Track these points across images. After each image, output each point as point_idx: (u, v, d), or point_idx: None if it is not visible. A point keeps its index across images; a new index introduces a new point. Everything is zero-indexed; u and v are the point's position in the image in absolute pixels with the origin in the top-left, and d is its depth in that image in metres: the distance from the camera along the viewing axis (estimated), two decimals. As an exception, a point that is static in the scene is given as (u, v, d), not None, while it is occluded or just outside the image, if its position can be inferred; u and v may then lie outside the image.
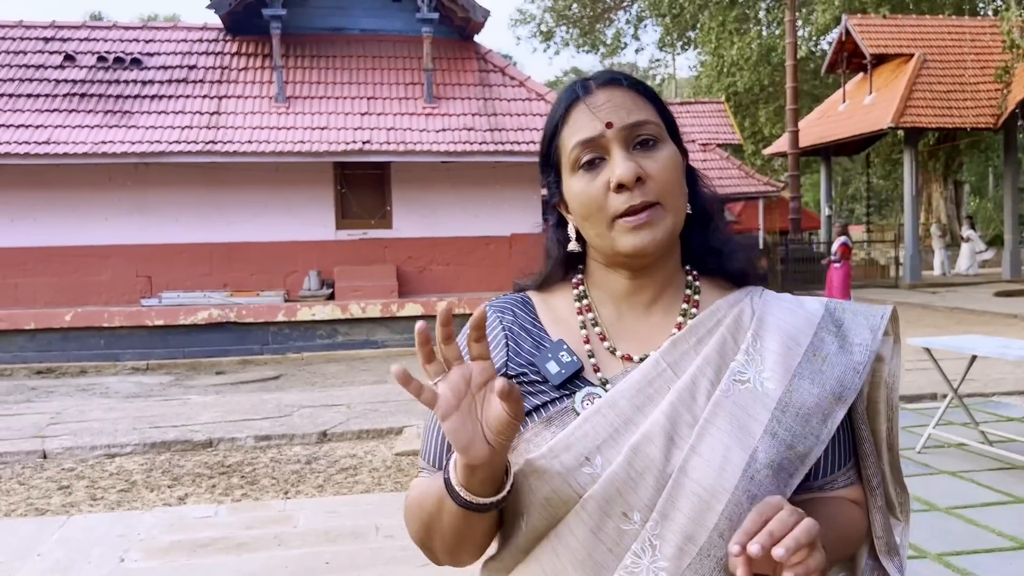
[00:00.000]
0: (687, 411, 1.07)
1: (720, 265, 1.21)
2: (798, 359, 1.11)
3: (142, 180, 12.26)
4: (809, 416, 1.09)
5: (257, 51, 13.52)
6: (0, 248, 12.10)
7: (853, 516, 1.16)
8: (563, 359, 1.14)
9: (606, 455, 1.06)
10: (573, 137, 1.13)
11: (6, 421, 7.99)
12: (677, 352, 1.12)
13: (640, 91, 1.16)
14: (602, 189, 1.11)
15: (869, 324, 1.16)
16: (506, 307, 1.23)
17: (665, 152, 1.13)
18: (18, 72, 12.65)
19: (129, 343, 11.62)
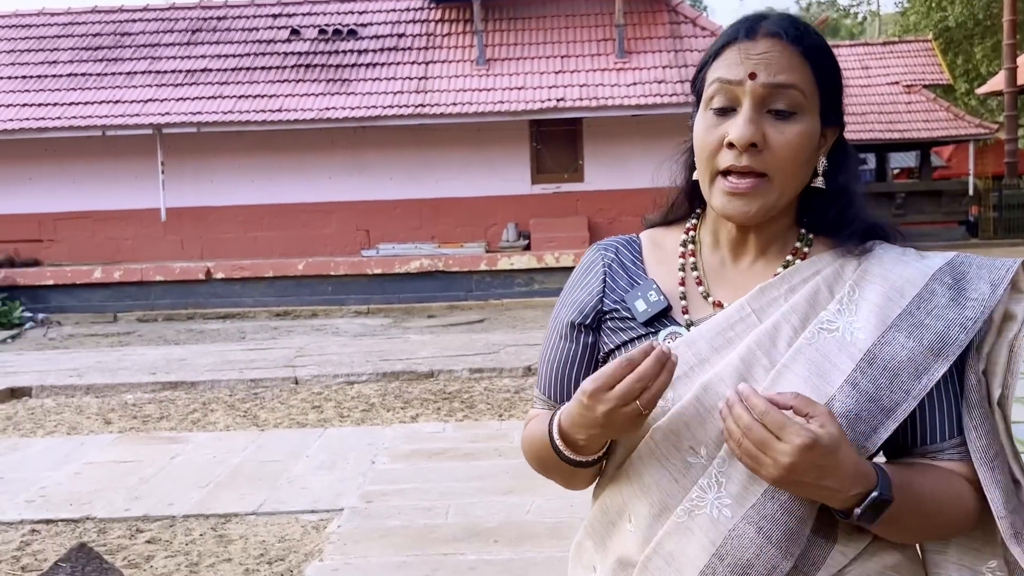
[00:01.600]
0: (765, 355, 1.07)
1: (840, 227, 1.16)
2: (898, 311, 1.07)
3: (360, 142, 13.49)
4: (899, 370, 1.05)
5: (459, 17, 14.39)
6: (242, 206, 13.74)
7: (954, 486, 1.07)
8: (651, 298, 1.16)
9: (678, 391, 1.08)
10: (716, 72, 1.11)
11: (260, 354, 9.33)
12: (765, 299, 1.11)
13: (803, 51, 1.10)
14: (717, 139, 1.09)
15: (991, 277, 1.09)
16: (611, 245, 1.26)
17: (798, 127, 1.09)
18: (252, 47, 14.18)
19: (352, 289, 12.92)
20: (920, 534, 1.11)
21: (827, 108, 1.13)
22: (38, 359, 9.60)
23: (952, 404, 1.09)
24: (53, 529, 4.53)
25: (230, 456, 5.65)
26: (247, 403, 7.27)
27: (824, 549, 1.06)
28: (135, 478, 5.27)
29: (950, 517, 1.08)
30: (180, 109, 13.00)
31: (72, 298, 12.99)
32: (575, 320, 1.21)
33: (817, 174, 1.14)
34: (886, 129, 21.59)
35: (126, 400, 7.56)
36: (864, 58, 23.67)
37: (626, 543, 1.14)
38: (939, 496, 1.06)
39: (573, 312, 1.22)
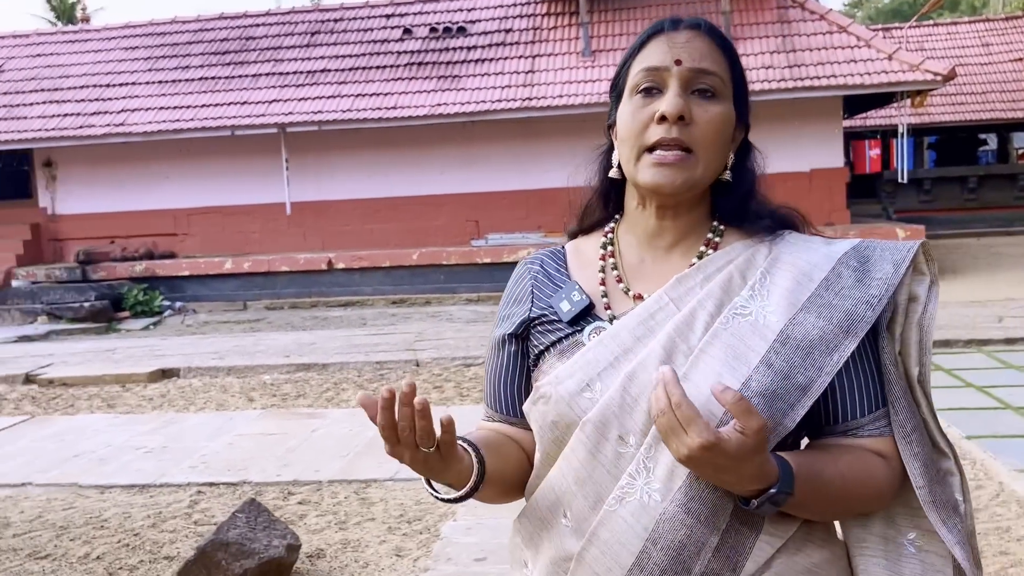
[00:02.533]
0: (683, 342, 1.11)
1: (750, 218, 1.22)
2: (807, 294, 1.12)
3: (469, 136, 13.96)
4: (811, 348, 1.09)
5: (565, 10, 14.67)
6: (360, 199, 14.42)
7: (868, 466, 1.11)
8: (574, 298, 1.22)
9: (605, 382, 1.13)
10: (642, 63, 1.17)
11: (383, 339, 9.89)
12: (682, 288, 1.16)
13: (720, 45, 1.18)
14: (646, 117, 1.15)
15: (893, 258, 1.14)
16: (536, 258, 1.34)
17: (719, 108, 1.16)
18: (367, 47, 14.83)
19: (463, 278, 13.41)
20: (830, 515, 1.15)
21: (738, 103, 1.20)
22: (181, 343, 10.42)
23: (869, 381, 1.13)
24: (216, 491, 5.10)
25: (364, 430, 6.14)
26: (374, 383, 7.80)
27: (750, 539, 1.09)
28: (282, 448, 5.82)
29: (862, 497, 1.11)
30: (302, 108, 13.74)
31: (205, 287, 13.92)
32: (506, 332, 1.28)
33: (726, 167, 1.20)
34: (1009, 108, 20.76)
35: (264, 380, 8.20)
36: (984, 35, 22.78)
37: (563, 538, 1.16)
38: (849, 479, 1.09)
39: (503, 326, 1.29)
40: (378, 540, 4.20)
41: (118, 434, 6.39)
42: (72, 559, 4.15)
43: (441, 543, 4.08)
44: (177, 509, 4.80)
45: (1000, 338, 7.81)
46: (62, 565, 4.08)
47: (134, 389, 8.12)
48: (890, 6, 61.06)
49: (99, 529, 4.54)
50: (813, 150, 13.48)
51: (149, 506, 4.87)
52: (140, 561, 4.09)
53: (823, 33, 13.48)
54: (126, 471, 5.49)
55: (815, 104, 13.09)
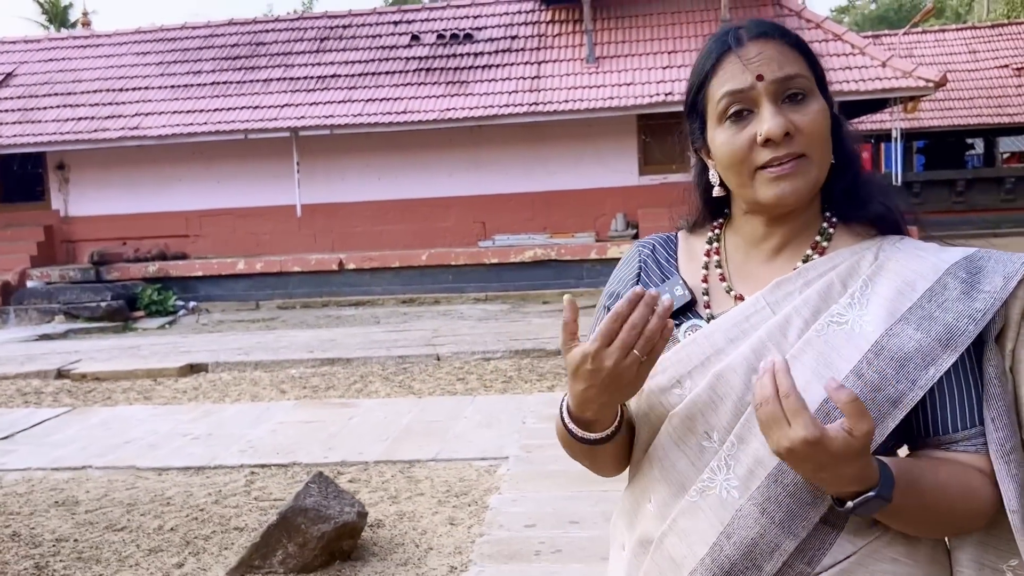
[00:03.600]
0: (776, 346, 1.11)
1: (860, 211, 1.21)
2: (909, 304, 1.10)
3: (476, 140, 14.34)
4: (905, 360, 1.07)
5: (569, 17, 15.08)
6: (369, 201, 14.78)
7: (967, 482, 1.08)
8: (677, 292, 1.23)
9: (695, 379, 1.15)
10: (722, 87, 1.15)
11: (401, 335, 10.25)
12: (780, 292, 1.16)
13: (791, 43, 1.16)
14: (748, 142, 1.13)
15: (1005, 271, 1.10)
16: (648, 243, 1.35)
17: (815, 106, 1.14)
18: (376, 53, 15.20)
19: (471, 278, 13.78)
20: (925, 529, 1.11)
21: (823, 90, 1.18)
22: (203, 340, 10.75)
23: (967, 395, 1.10)
24: (268, 472, 5.44)
25: (399, 417, 6.50)
26: (399, 376, 8.16)
27: (830, 536, 1.09)
28: (324, 434, 6.17)
29: (960, 513, 1.08)
30: (314, 113, 14.08)
31: (218, 288, 14.24)
32: (610, 304, 1.33)
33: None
34: (995, 113, 21.28)
35: (292, 374, 8.54)
36: (971, 42, 23.33)
37: (647, 521, 1.21)
38: (949, 492, 1.07)
39: (610, 298, 1.34)
40: (431, 512, 4.56)
41: (162, 423, 6.73)
42: (148, 531, 4.49)
43: (491, 512, 4.44)
44: (235, 488, 5.14)
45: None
46: (139, 536, 4.43)
47: (166, 383, 8.45)
48: (877, 12, 61.88)
49: (165, 506, 4.88)
50: (810, 154, 13.92)
51: (207, 485, 5.21)
52: (212, 532, 4.43)
53: (819, 41, 13.92)
54: (179, 455, 5.83)
55: (812, 110, 13.52)
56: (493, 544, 4.03)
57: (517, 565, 3.79)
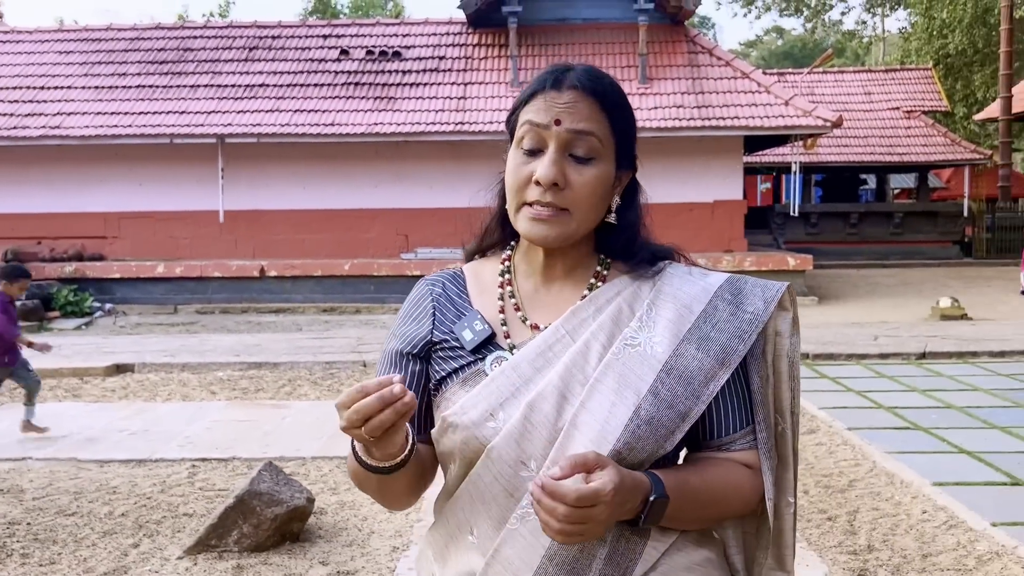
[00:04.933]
0: (580, 372, 1.18)
1: (632, 253, 1.30)
2: (688, 325, 1.21)
3: (402, 155, 14.73)
4: (691, 378, 1.18)
5: (495, 42, 15.65)
6: (293, 210, 14.98)
7: (735, 477, 1.23)
8: (476, 327, 1.26)
9: (508, 411, 1.18)
10: (527, 115, 1.23)
11: (325, 342, 10.54)
12: (576, 320, 1.23)
13: (605, 106, 1.22)
14: (526, 175, 1.21)
15: (764, 296, 1.24)
16: (438, 281, 1.37)
17: (594, 170, 1.21)
18: (305, 65, 15.44)
19: (393, 289, 14.11)
20: (703, 521, 1.24)
21: (622, 154, 1.26)
22: (126, 342, 10.80)
23: (739, 402, 1.24)
24: (209, 465, 5.72)
25: (331, 418, 6.81)
26: (327, 380, 8.47)
27: (639, 546, 1.18)
28: (259, 432, 6.47)
29: (730, 503, 1.23)
30: (241, 121, 14.24)
31: (135, 290, 14.21)
32: (404, 350, 1.31)
33: (611, 210, 1.27)
34: (887, 152, 22.82)
35: (219, 376, 8.75)
36: (867, 84, 24.94)
37: (469, 555, 1.23)
38: (716, 488, 1.21)
39: (404, 344, 1.31)
40: (370, 501, 4.94)
41: (97, 419, 6.90)
42: (99, 516, 4.74)
43: (427, 502, 4.84)
44: (179, 479, 5.41)
45: (875, 353, 9.11)
46: (91, 520, 4.67)
47: (93, 382, 8.55)
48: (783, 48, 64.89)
49: (112, 494, 5.12)
50: (717, 183, 14.81)
51: (151, 476, 5.47)
52: (163, 517, 4.72)
53: (728, 78, 14.85)
54: (119, 448, 6.04)
55: (720, 142, 14.42)
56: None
57: (454, 545, 4.22)
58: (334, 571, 3.99)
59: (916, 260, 21.05)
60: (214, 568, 4.02)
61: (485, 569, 1.20)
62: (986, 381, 7.80)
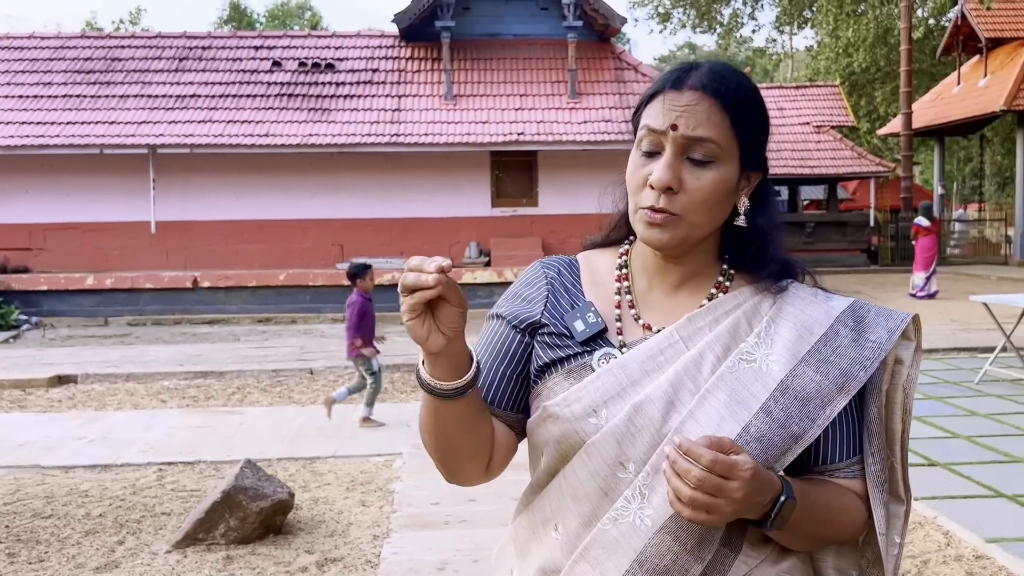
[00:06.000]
0: (691, 380, 1.17)
1: (759, 265, 1.26)
2: (808, 347, 1.19)
3: (337, 166, 14.87)
4: (807, 400, 1.16)
5: (427, 55, 15.93)
6: (226, 221, 14.95)
7: (847, 501, 1.21)
8: (589, 319, 1.25)
9: (611, 409, 1.18)
10: (646, 118, 1.22)
11: (269, 351, 10.62)
12: (692, 327, 1.22)
13: (727, 106, 1.19)
14: (643, 177, 1.20)
15: (888, 325, 1.21)
16: (553, 265, 1.35)
17: (713, 174, 1.19)
18: (237, 76, 15.44)
19: (329, 298, 14.20)
20: (815, 541, 1.22)
21: (747, 155, 1.22)
22: (61, 354, 10.67)
23: (851, 429, 1.21)
24: (176, 468, 5.85)
25: (288, 422, 7.02)
26: (276, 388, 8.61)
27: (729, 559, 1.17)
28: (219, 436, 6.60)
29: (841, 526, 1.20)
30: (173, 131, 14.17)
31: (64, 303, 13.97)
32: (509, 319, 1.30)
33: (739, 213, 1.24)
34: (798, 165, 23.90)
35: (166, 386, 8.79)
36: (779, 100, 26.06)
37: (552, 550, 1.22)
38: (832, 507, 1.18)
39: (509, 315, 1.30)
40: (342, 497, 5.18)
41: (51, 428, 6.91)
42: (76, 517, 4.85)
43: (398, 496, 5.12)
44: (148, 482, 5.54)
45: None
46: (70, 521, 4.79)
47: (36, 393, 8.50)
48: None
49: (84, 497, 5.22)
50: (643, 194, 15.39)
51: (119, 480, 5.57)
52: (141, 516, 4.86)
53: (653, 93, 15.45)
54: (80, 455, 6.10)
55: (646, 154, 15.01)
56: (406, 518, 4.72)
57: (432, 532, 4.50)
58: (321, 559, 4.22)
59: (827, 267, 22.09)
60: (204, 560, 4.20)
61: (571, 567, 1.19)
62: (899, 376, 8.45)
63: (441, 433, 1.21)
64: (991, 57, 24.02)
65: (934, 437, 6.13)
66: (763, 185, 1.27)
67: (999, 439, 6.00)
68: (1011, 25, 23.67)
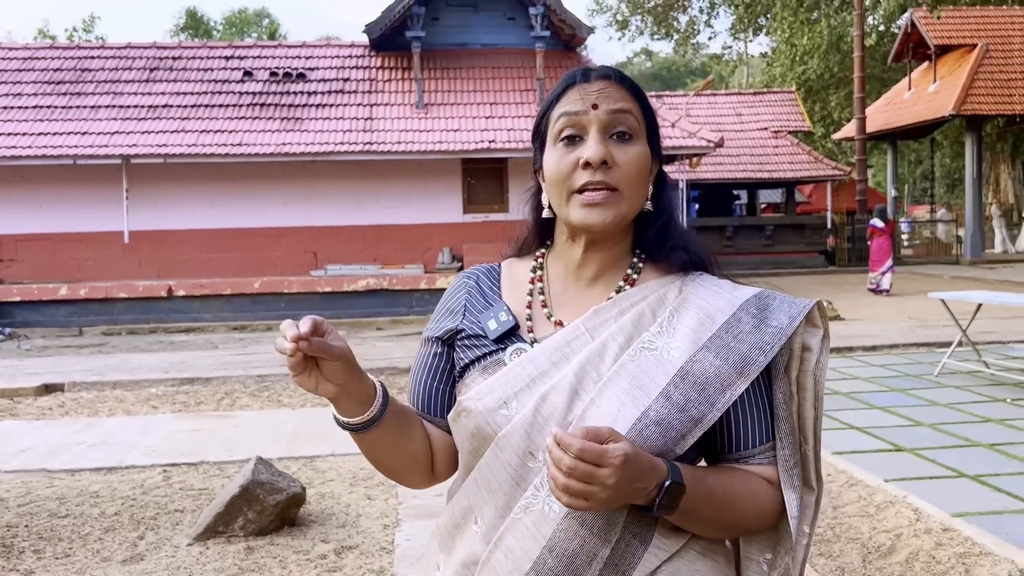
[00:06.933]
0: (594, 369, 1.21)
1: (667, 255, 1.31)
2: (709, 334, 1.23)
3: (310, 174, 15.05)
4: (706, 384, 1.19)
5: (398, 64, 16.18)
6: (199, 229, 15.04)
7: (754, 486, 1.22)
8: (501, 318, 1.31)
9: (521, 401, 1.22)
10: (561, 109, 1.26)
11: (251, 357, 10.79)
12: (597, 320, 1.26)
13: (630, 89, 1.28)
14: (571, 163, 1.23)
15: (790, 312, 1.25)
16: (473, 273, 1.42)
17: (636, 148, 1.26)
18: (209, 86, 15.55)
19: (303, 306, 14.39)
20: (720, 527, 1.23)
21: (652, 139, 1.30)
22: (43, 364, 10.73)
23: (761, 416, 1.24)
24: (180, 469, 6.04)
25: (283, 425, 7.23)
26: (264, 392, 8.80)
27: (640, 550, 1.19)
28: (217, 439, 6.80)
29: (746, 512, 1.21)
30: (146, 141, 14.24)
31: (37, 314, 13.96)
32: (432, 335, 1.38)
33: (647, 198, 1.30)
34: (757, 169, 24.55)
35: (154, 392, 8.93)
36: (737, 106, 26.74)
37: (473, 543, 1.26)
38: (733, 492, 1.20)
39: (432, 330, 1.39)
40: (347, 492, 5.43)
41: (49, 435, 7.05)
42: (91, 516, 5.04)
43: (401, 488, 5.38)
44: (156, 482, 5.73)
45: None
46: (87, 520, 4.97)
47: (25, 402, 8.59)
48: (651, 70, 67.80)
49: (95, 497, 5.40)
50: (611, 199, 15.79)
51: (127, 482, 5.75)
52: (156, 513, 5.06)
53: (619, 101, 15.86)
54: (84, 459, 6.26)
55: (613, 161, 15.42)
56: (413, 509, 4.98)
57: (440, 519, 4.77)
58: (337, 547, 4.47)
59: (786, 269, 22.72)
60: (226, 551, 4.43)
61: (487, 557, 1.23)
62: (863, 371, 8.90)
63: (370, 456, 1.33)
64: (940, 63, 24.89)
65: (899, 425, 6.54)
66: (661, 174, 1.35)
67: (959, 426, 6.43)
68: (958, 32, 24.54)
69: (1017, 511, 4.57)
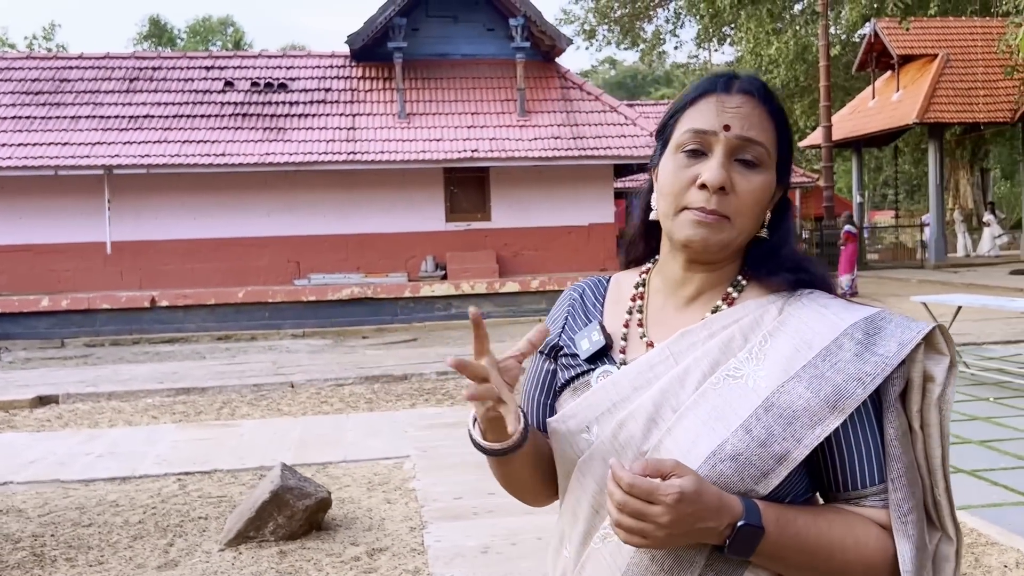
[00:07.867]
0: (674, 397, 1.15)
1: (775, 272, 1.22)
2: (803, 362, 1.12)
3: (293, 184, 15.10)
4: (793, 418, 1.09)
5: (379, 75, 16.30)
6: (182, 240, 15.01)
7: (860, 533, 1.11)
8: (594, 337, 1.27)
9: (602, 426, 1.19)
10: (691, 122, 1.19)
11: (243, 367, 10.82)
12: (684, 343, 1.19)
13: (772, 113, 1.20)
14: (688, 180, 1.17)
15: (901, 338, 1.12)
16: (580, 286, 1.39)
17: (760, 177, 1.18)
18: (190, 96, 15.54)
19: (287, 315, 14.43)
20: (814, 573, 1.13)
21: (781, 167, 1.23)
22: (32, 376, 10.67)
23: (872, 453, 1.13)
24: (194, 478, 6.11)
25: (288, 433, 7.31)
26: (262, 401, 8.86)
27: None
28: (226, 447, 6.87)
29: (848, 563, 1.11)
30: (129, 152, 14.20)
31: (17, 326, 13.84)
32: (541, 349, 1.34)
33: (763, 224, 1.23)
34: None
35: (150, 403, 8.96)
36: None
37: (565, 570, 1.26)
38: (831, 539, 1.10)
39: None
40: (366, 496, 5.55)
41: (55, 446, 7.07)
42: (116, 525, 5.11)
43: (420, 493, 5.51)
44: (173, 491, 5.80)
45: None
46: (112, 528, 5.04)
47: (22, 414, 8.57)
48: (615, 78, 68.43)
49: (115, 507, 5.47)
50: (591, 208, 16.03)
51: (144, 491, 5.82)
52: (180, 521, 5.14)
53: (598, 111, 16.14)
54: (95, 469, 6.31)
55: (593, 170, 15.67)
56: (436, 512, 5.12)
57: (465, 522, 4.91)
58: (368, 549, 4.60)
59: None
60: (259, 555, 4.54)
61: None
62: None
63: (505, 479, 1.31)
64: (903, 72, 25.51)
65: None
66: (784, 200, 1.27)
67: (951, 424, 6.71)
68: (920, 43, 25.18)
69: (1016, 503, 4.84)
